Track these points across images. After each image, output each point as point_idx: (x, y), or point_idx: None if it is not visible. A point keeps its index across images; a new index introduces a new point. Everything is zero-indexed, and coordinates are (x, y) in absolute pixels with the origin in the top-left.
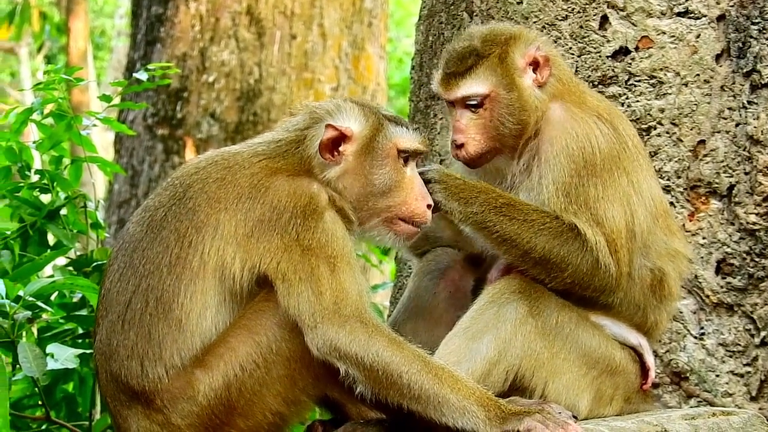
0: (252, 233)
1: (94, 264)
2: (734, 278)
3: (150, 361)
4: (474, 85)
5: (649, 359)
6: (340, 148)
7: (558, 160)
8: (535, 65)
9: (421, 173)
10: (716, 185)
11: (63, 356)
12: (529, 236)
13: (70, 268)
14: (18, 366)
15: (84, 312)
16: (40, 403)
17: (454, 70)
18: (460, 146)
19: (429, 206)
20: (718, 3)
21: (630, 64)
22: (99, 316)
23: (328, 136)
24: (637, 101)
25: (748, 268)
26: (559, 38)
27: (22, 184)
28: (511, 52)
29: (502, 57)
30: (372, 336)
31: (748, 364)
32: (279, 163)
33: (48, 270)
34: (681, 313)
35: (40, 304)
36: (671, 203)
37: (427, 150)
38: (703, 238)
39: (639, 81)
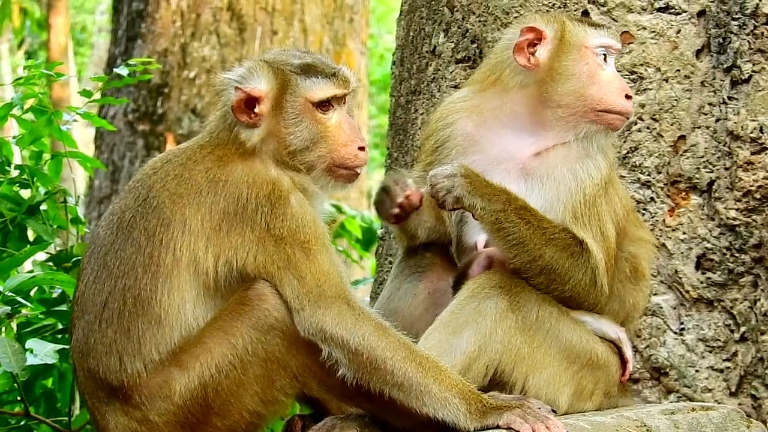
0: (220, 227)
1: (74, 259)
2: (714, 273)
3: (129, 356)
4: None
5: (628, 352)
6: (256, 110)
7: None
8: None
9: (443, 169)
10: (696, 180)
11: (42, 351)
12: (540, 243)
13: (50, 263)
14: None
15: (64, 307)
16: (19, 398)
17: None
18: (630, 97)
19: (361, 148)
20: None
21: None
22: (74, 317)
23: (236, 98)
24: None
25: (728, 264)
26: None
27: (2, 180)
28: None
29: None
30: (359, 319)
31: (727, 360)
32: (225, 150)
33: (28, 265)
34: (661, 308)
35: (19, 299)
36: (651, 198)
37: (348, 90)
38: (684, 233)
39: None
